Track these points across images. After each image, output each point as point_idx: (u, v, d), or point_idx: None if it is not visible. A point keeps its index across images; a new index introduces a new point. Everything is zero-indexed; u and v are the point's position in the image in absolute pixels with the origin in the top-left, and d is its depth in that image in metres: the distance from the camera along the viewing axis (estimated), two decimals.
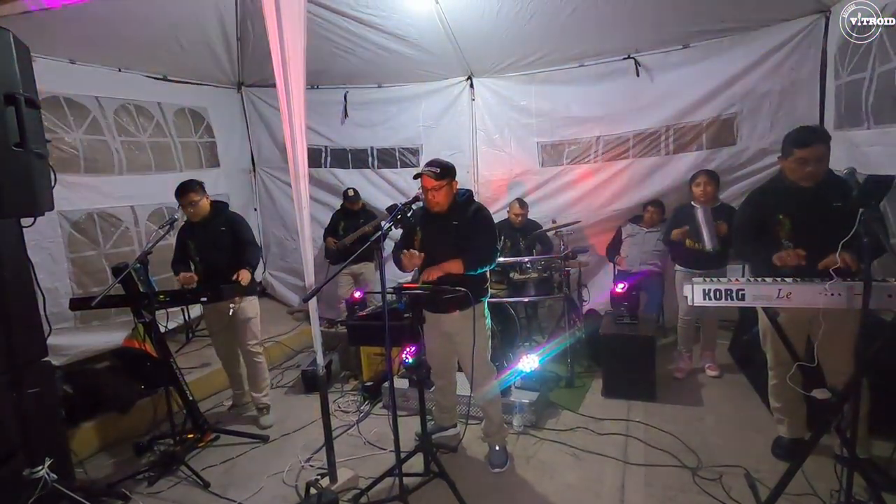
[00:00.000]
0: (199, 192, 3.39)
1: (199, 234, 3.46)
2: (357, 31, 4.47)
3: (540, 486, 2.72)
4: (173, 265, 3.55)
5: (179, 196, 3.36)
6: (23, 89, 2.04)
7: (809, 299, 2.00)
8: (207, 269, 3.44)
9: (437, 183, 2.65)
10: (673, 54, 4.43)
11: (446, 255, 2.69)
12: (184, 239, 3.53)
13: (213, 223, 3.45)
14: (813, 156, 2.36)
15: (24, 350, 2.26)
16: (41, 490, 2.13)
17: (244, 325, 3.50)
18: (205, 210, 3.42)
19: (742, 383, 3.73)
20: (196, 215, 3.41)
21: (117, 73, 4.27)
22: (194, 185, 3.38)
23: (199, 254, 3.48)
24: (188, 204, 3.35)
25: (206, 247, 3.45)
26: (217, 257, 3.41)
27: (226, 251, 3.42)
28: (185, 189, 3.35)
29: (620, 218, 4.77)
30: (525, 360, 3.51)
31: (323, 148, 5.62)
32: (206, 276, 3.44)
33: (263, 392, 3.64)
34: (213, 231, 3.44)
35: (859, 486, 2.07)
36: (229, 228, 3.46)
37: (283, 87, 2.41)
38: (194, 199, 3.35)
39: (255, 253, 3.50)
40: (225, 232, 3.45)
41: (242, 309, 3.45)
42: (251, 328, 3.54)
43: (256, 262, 3.50)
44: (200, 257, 3.48)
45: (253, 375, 3.63)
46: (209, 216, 3.45)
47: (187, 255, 3.52)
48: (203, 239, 3.45)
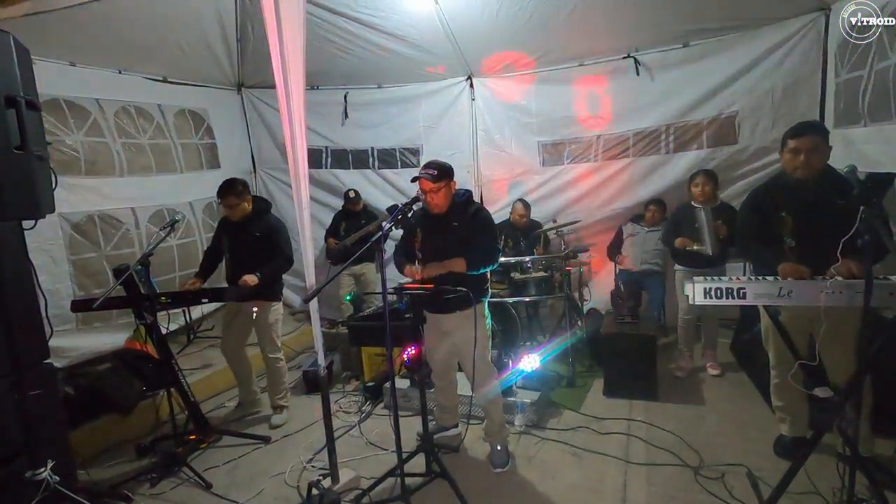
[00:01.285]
0: (240, 196, 3.39)
1: (233, 232, 3.50)
2: (357, 31, 4.47)
3: (542, 485, 2.72)
4: (205, 254, 3.71)
5: (219, 196, 3.39)
6: (23, 92, 2.04)
7: (811, 298, 2.00)
8: (235, 269, 3.47)
9: (434, 185, 2.65)
10: (673, 53, 4.42)
11: (447, 256, 2.69)
12: (220, 232, 3.61)
13: (248, 226, 3.46)
14: (805, 146, 2.37)
15: (25, 352, 2.25)
16: (43, 492, 2.12)
17: (265, 329, 3.54)
18: (244, 213, 3.44)
19: (743, 382, 3.72)
20: (234, 216, 3.43)
21: (117, 75, 4.27)
22: (236, 188, 3.38)
23: (230, 252, 3.53)
24: (226, 206, 3.39)
25: (236, 247, 3.49)
26: (245, 260, 3.41)
27: (255, 256, 3.42)
28: (225, 191, 3.37)
29: (621, 217, 4.76)
30: (526, 359, 3.51)
31: (323, 149, 5.62)
32: (232, 276, 3.48)
33: (282, 394, 3.67)
34: (246, 234, 3.45)
35: (861, 484, 2.06)
36: (265, 235, 3.46)
37: (282, 88, 2.42)
38: (233, 202, 3.37)
39: (278, 265, 3.47)
40: (259, 238, 3.45)
41: (263, 314, 3.48)
42: (270, 333, 3.56)
43: (275, 274, 3.51)
44: (230, 255, 3.53)
45: (272, 378, 3.65)
46: (247, 218, 3.47)
47: (220, 249, 3.59)
48: (235, 239, 3.49)
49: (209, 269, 3.65)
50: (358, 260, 2.82)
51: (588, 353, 4.23)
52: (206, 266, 3.65)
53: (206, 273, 3.62)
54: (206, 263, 3.67)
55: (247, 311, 3.48)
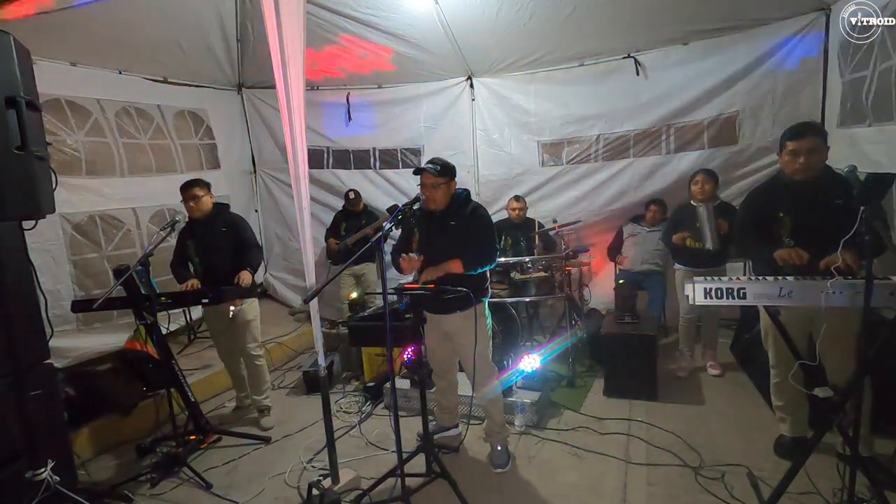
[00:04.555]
0: (204, 188, 3.39)
1: (199, 234, 3.45)
2: (357, 31, 4.47)
3: (542, 485, 2.72)
4: (173, 268, 3.52)
5: (183, 191, 3.37)
6: (24, 92, 2.03)
7: (811, 298, 2.00)
8: (207, 271, 3.43)
9: (435, 180, 2.66)
10: (673, 53, 4.42)
11: (444, 256, 2.69)
12: (184, 240, 3.50)
13: (213, 223, 3.44)
14: (803, 147, 2.36)
15: (26, 352, 2.25)
16: (44, 492, 2.12)
17: (244, 326, 3.50)
18: (207, 207, 3.42)
19: (744, 382, 3.72)
20: (197, 211, 3.39)
21: (118, 76, 4.28)
22: (199, 181, 3.40)
23: (199, 255, 3.45)
24: (191, 198, 3.35)
25: (206, 248, 3.44)
26: (217, 258, 3.40)
27: (226, 252, 3.41)
28: (190, 184, 3.37)
29: (621, 217, 4.77)
30: (527, 359, 3.51)
31: (325, 149, 5.63)
32: (205, 278, 3.41)
33: (264, 394, 3.64)
34: (213, 231, 3.43)
35: (862, 484, 2.06)
36: (230, 229, 3.46)
37: (282, 88, 2.42)
38: (198, 193, 3.35)
39: (256, 255, 3.49)
40: (226, 233, 3.44)
41: (242, 311, 3.44)
42: (251, 330, 3.53)
43: (258, 263, 3.50)
44: (200, 258, 3.45)
45: (253, 377, 3.63)
46: (210, 216, 3.44)
47: (187, 257, 3.49)
48: (203, 239, 3.44)
49: (186, 276, 3.45)
50: (358, 260, 2.81)
51: (588, 354, 4.23)
52: (180, 277, 3.46)
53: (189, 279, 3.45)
54: (179, 275, 3.47)
55: (223, 311, 3.38)
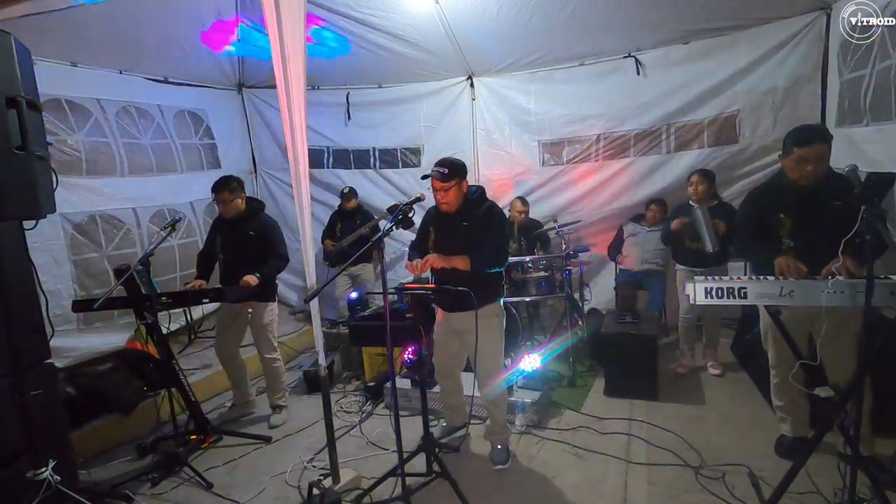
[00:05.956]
0: (234, 192, 3.40)
1: (226, 231, 3.48)
2: (357, 31, 4.48)
3: (542, 485, 2.72)
4: (199, 257, 3.63)
5: (213, 191, 3.40)
6: (24, 92, 2.04)
7: (812, 297, 1.99)
8: (228, 269, 3.46)
9: (444, 184, 2.64)
10: (673, 52, 4.42)
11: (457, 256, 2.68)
12: (214, 233, 3.58)
13: (242, 225, 3.45)
14: (813, 155, 2.35)
15: (26, 352, 2.26)
16: (45, 492, 2.13)
17: (260, 330, 3.53)
18: (238, 210, 3.43)
19: (744, 382, 3.72)
20: (228, 213, 3.42)
21: (118, 76, 4.28)
22: (229, 184, 3.40)
23: (223, 252, 3.50)
24: (220, 201, 3.38)
25: (230, 247, 3.48)
26: (239, 259, 3.41)
27: (249, 255, 3.40)
28: (220, 187, 3.38)
29: (622, 217, 4.77)
30: (527, 359, 3.51)
31: (325, 149, 5.63)
32: (226, 276, 3.47)
33: (280, 394, 3.67)
34: (240, 233, 3.44)
35: (863, 484, 2.06)
36: (259, 234, 3.44)
37: (283, 88, 2.41)
38: (227, 197, 3.37)
39: (274, 263, 3.47)
40: (253, 237, 3.43)
41: (256, 314, 3.47)
42: (266, 334, 3.56)
43: (274, 272, 3.50)
44: (224, 255, 3.50)
45: (270, 378, 3.65)
46: (240, 216, 3.46)
47: (214, 250, 3.55)
48: (229, 238, 3.47)
49: (206, 271, 3.61)
50: (355, 260, 2.82)
51: (589, 353, 4.23)
52: (202, 269, 3.61)
53: (205, 275, 3.59)
54: (202, 266, 3.63)
55: (242, 312, 3.45)
